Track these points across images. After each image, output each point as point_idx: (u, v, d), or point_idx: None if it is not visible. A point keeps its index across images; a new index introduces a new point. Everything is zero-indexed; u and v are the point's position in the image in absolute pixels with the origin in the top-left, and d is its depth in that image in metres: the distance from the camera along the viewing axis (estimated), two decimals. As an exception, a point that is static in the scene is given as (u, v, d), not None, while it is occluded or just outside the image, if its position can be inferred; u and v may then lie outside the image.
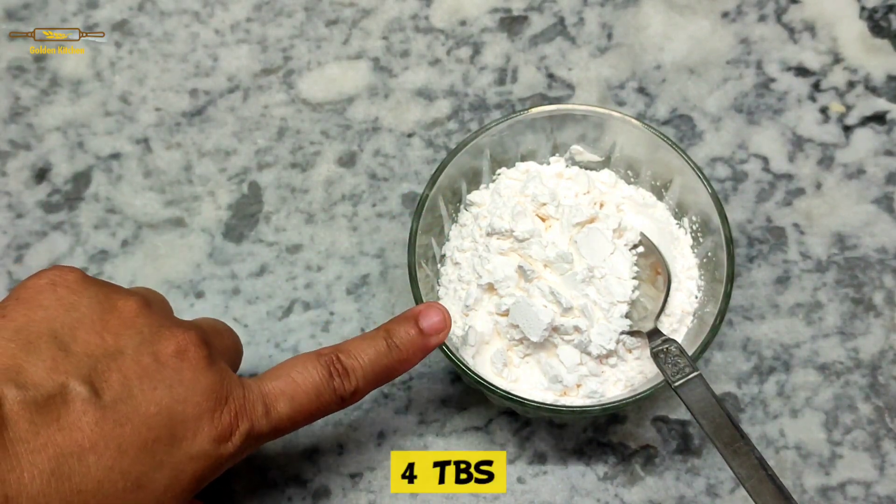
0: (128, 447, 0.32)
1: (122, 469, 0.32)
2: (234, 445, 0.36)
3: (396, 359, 0.40)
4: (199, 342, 0.36)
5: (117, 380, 0.33)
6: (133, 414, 0.33)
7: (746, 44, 0.56)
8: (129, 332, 0.35)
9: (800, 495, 0.46)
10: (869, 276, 0.51)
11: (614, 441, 0.48)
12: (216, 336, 0.40)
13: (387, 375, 0.41)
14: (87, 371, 0.33)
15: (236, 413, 0.36)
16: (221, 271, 0.52)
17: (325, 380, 0.38)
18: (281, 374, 0.38)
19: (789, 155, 0.53)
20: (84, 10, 0.59)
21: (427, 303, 0.42)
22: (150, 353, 0.35)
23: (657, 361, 0.42)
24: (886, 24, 0.56)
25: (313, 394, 0.38)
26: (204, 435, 0.35)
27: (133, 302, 0.36)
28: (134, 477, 0.32)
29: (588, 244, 0.45)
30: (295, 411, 0.38)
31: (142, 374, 0.34)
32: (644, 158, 0.48)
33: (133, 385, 0.33)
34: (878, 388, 0.48)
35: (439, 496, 0.47)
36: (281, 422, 0.37)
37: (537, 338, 0.44)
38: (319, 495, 0.47)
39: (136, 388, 0.33)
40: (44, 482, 0.30)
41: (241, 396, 0.36)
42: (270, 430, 0.37)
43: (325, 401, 0.39)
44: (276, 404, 0.37)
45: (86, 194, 0.54)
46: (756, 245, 0.52)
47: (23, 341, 0.33)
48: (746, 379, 0.49)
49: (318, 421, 0.48)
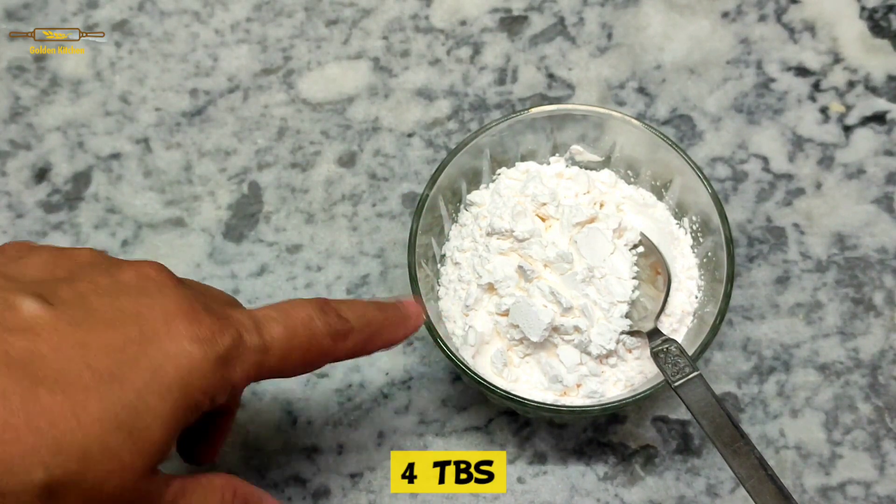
0: (90, 342, 0.30)
1: (87, 362, 0.29)
2: (222, 348, 0.32)
3: (385, 317, 0.39)
4: (164, 269, 0.33)
5: (69, 292, 0.31)
6: (90, 317, 0.30)
7: (746, 44, 0.56)
8: (82, 267, 0.33)
9: (800, 495, 0.46)
10: (869, 276, 0.51)
11: (614, 441, 0.48)
12: (205, 292, 0.37)
13: (378, 331, 0.39)
14: (35, 289, 0.31)
15: (219, 319, 0.32)
16: (221, 271, 0.52)
17: (317, 312, 0.36)
18: (270, 305, 0.36)
19: (789, 155, 0.53)
20: (84, 9, 0.59)
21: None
22: (107, 275, 0.32)
23: (657, 361, 0.42)
24: (886, 24, 0.56)
25: (306, 320, 0.35)
26: (181, 334, 0.31)
27: (87, 250, 0.35)
28: (104, 370, 0.29)
29: (588, 244, 0.45)
30: (289, 335, 0.35)
31: (98, 290, 0.31)
32: (644, 158, 0.48)
33: (89, 297, 0.31)
34: (878, 388, 0.48)
35: (439, 496, 0.47)
36: (274, 342, 0.34)
37: (537, 338, 0.44)
38: (319, 495, 0.47)
39: (92, 299, 0.31)
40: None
41: (223, 311, 0.33)
42: (263, 349, 0.34)
43: (318, 332, 0.36)
44: (268, 324, 0.34)
45: (86, 194, 0.54)
46: (756, 245, 0.52)
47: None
48: (746, 379, 0.49)
49: (317, 420, 0.48)
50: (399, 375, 0.50)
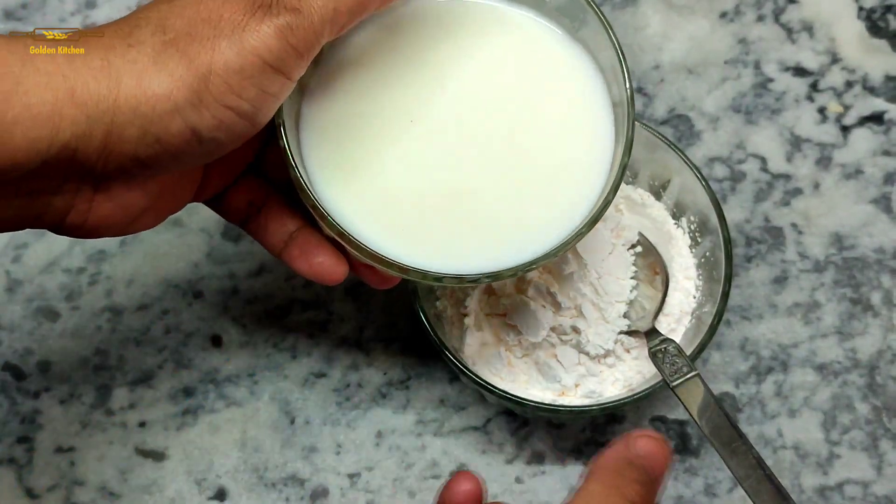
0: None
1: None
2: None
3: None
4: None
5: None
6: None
7: (744, 44, 0.56)
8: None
9: (798, 495, 0.46)
10: (867, 276, 0.51)
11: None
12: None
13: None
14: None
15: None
16: (220, 271, 0.52)
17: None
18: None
19: (787, 155, 0.54)
20: (82, 9, 0.59)
21: None
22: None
23: (655, 361, 0.42)
24: (884, 24, 0.56)
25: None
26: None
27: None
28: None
29: (586, 244, 0.45)
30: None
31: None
32: (642, 158, 0.48)
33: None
34: (875, 388, 0.48)
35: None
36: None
37: (537, 338, 0.44)
38: (317, 495, 0.47)
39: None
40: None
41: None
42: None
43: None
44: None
45: (84, 194, 0.54)
46: (754, 245, 0.52)
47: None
48: (744, 379, 0.49)
49: (315, 420, 0.48)
50: (397, 375, 0.50)
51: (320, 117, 0.38)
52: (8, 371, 0.50)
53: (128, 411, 0.49)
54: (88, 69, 0.30)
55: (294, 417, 0.49)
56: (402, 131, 0.38)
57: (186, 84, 0.31)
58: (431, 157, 0.38)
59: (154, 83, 0.31)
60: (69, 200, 0.33)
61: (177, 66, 0.31)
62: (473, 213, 0.38)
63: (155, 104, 0.31)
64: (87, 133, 0.30)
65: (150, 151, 0.32)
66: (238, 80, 0.32)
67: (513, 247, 0.37)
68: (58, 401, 0.49)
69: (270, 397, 0.49)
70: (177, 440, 0.48)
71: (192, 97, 0.31)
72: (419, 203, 0.38)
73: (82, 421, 0.49)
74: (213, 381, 0.50)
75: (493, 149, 0.38)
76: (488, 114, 0.39)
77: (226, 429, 0.49)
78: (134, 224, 0.35)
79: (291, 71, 0.33)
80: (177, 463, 0.48)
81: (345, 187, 0.37)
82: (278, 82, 0.33)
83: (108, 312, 0.51)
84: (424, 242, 0.37)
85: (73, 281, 0.52)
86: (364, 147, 0.38)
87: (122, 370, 0.50)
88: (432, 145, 0.38)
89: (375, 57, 0.39)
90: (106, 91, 0.30)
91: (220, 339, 0.51)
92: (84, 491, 0.48)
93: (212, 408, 0.49)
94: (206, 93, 0.31)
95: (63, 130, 0.30)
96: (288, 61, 0.32)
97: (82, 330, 0.51)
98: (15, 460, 0.48)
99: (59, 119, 0.30)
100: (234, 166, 0.39)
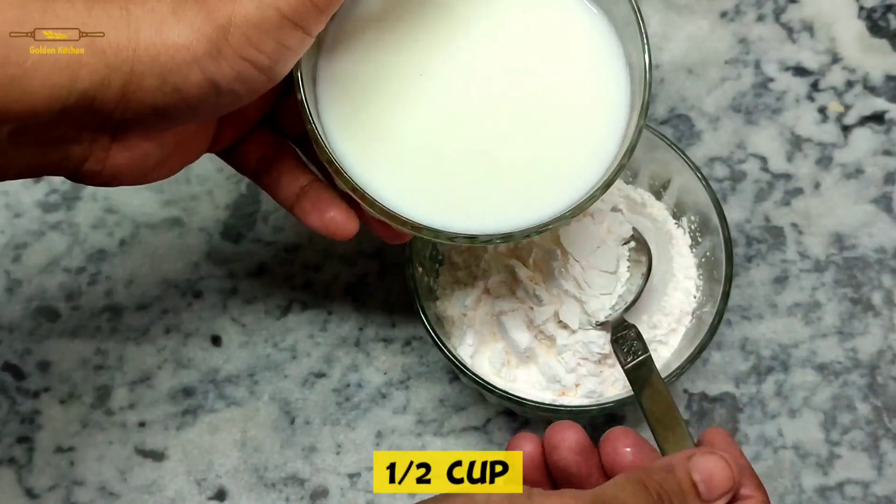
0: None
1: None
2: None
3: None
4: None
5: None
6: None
7: (745, 43, 0.56)
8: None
9: (798, 495, 0.46)
10: (867, 275, 0.51)
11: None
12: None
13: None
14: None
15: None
16: (219, 271, 0.52)
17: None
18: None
19: (787, 155, 0.53)
20: (82, 9, 0.59)
21: None
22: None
23: (614, 347, 0.42)
24: (885, 23, 0.56)
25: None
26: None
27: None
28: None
29: (571, 237, 0.45)
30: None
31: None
32: (642, 158, 0.48)
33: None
34: (876, 389, 0.48)
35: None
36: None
37: (521, 351, 0.44)
38: (317, 495, 0.47)
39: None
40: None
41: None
42: None
43: None
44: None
45: (83, 194, 0.54)
46: (754, 245, 0.52)
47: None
48: (745, 379, 0.49)
49: (315, 420, 0.48)
50: (397, 375, 0.49)
51: (338, 73, 0.38)
52: (8, 371, 0.50)
53: (127, 411, 0.49)
54: (108, 18, 0.30)
55: (294, 417, 0.49)
56: (418, 90, 0.38)
57: (205, 35, 0.31)
58: (448, 117, 0.38)
59: (174, 33, 0.31)
60: (86, 149, 0.33)
61: (196, 17, 0.31)
62: (487, 174, 0.38)
63: (174, 54, 0.31)
64: (106, 81, 0.30)
65: (169, 101, 0.32)
66: (257, 34, 0.32)
67: (527, 208, 0.37)
68: (58, 401, 0.49)
69: (270, 397, 0.49)
70: (176, 440, 0.48)
71: (211, 48, 0.31)
72: (434, 161, 0.38)
73: (82, 421, 0.49)
74: (213, 380, 0.50)
75: (508, 110, 0.38)
76: (505, 75, 0.38)
77: (225, 429, 0.49)
78: (150, 174, 0.36)
79: (311, 26, 0.33)
80: (176, 463, 0.48)
81: (360, 143, 0.37)
82: (297, 37, 0.33)
83: (107, 312, 0.51)
84: (438, 201, 0.37)
85: (73, 281, 0.52)
86: (381, 104, 0.38)
87: (121, 370, 0.50)
88: (449, 105, 0.38)
89: (393, 14, 0.39)
90: (125, 40, 0.31)
91: (219, 338, 0.51)
92: (84, 491, 0.48)
93: (212, 408, 0.49)
94: (224, 45, 0.31)
95: (82, 79, 0.30)
96: (307, 17, 0.32)
97: (82, 330, 0.51)
98: (15, 460, 0.48)
99: (77, 67, 0.30)
100: (249, 118, 0.40)
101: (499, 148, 0.38)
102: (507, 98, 0.38)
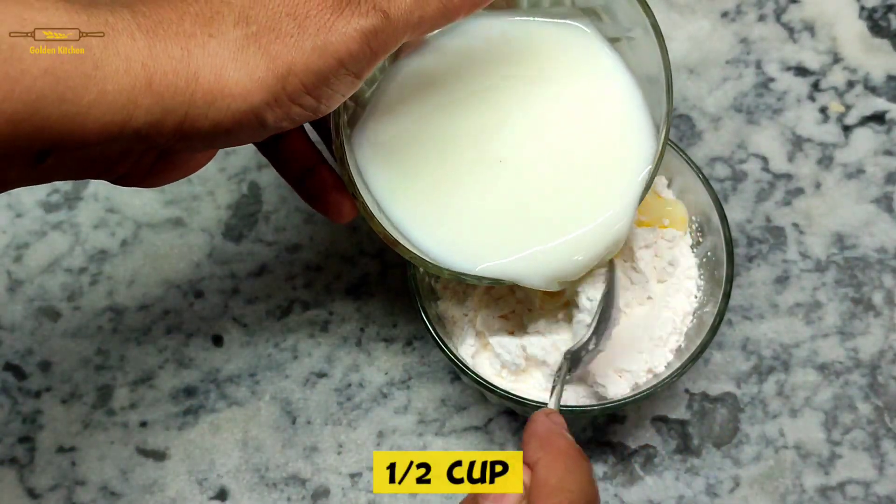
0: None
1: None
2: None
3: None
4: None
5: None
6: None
7: (746, 43, 0.56)
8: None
9: (799, 495, 0.46)
10: (868, 275, 0.51)
11: (613, 441, 0.48)
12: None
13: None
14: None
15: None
16: (221, 271, 0.52)
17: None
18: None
19: (789, 155, 0.53)
20: (83, 9, 0.59)
21: None
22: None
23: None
24: (886, 23, 0.56)
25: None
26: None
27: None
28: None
29: None
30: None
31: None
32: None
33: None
34: (877, 388, 0.48)
35: (438, 496, 0.47)
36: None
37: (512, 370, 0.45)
38: (318, 495, 0.47)
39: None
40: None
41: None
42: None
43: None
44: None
45: (85, 194, 0.54)
46: (755, 245, 0.52)
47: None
48: (746, 379, 0.49)
49: (316, 420, 0.48)
50: (398, 375, 0.50)
51: (380, 135, 0.41)
52: (9, 371, 0.50)
53: (129, 411, 0.49)
54: (168, 58, 0.30)
55: (295, 417, 0.49)
56: (457, 155, 0.41)
57: (265, 86, 0.31)
58: (493, 178, 0.41)
59: (231, 81, 0.31)
60: (131, 167, 0.35)
61: (257, 67, 0.31)
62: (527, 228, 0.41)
63: (230, 103, 0.31)
64: (160, 121, 0.31)
65: (218, 136, 0.32)
66: (314, 82, 0.32)
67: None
68: (59, 400, 0.49)
69: (271, 397, 0.49)
70: (178, 440, 0.48)
71: (268, 98, 0.32)
72: (475, 222, 0.41)
73: (83, 421, 0.49)
74: (215, 380, 0.50)
75: (543, 171, 0.41)
76: (538, 148, 0.41)
77: (227, 429, 0.49)
78: (176, 176, 0.38)
79: (363, 71, 0.33)
80: (178, 463, 0.48)
81: (421, 212, 0.41)
82: (349, 82, 0.33)
83: (109, 312, 0.51)
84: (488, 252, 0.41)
85: (75, 281, 0.52)
86: (432, 168, 0.41)
87: (123, 370, 0.50)
88: (493, 168, 0.41)
89: (435, 73, 0.41)
90: (184, 84, 0.30)
91: (221, 338, 0.51)
92: (85, 491, 0.48)
93: (213, 408, 0.49)
94: (281, 93, 0.32)
95: (136, 118, 0.30)
96: (364, 63, 0.33)
97: (83, 330, 0.51)
98: (16, 460, 0.48)
99: (133, 108, 0.30)
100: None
101: (537, 206, 0.41)
102: (542, 163, 0.41)
